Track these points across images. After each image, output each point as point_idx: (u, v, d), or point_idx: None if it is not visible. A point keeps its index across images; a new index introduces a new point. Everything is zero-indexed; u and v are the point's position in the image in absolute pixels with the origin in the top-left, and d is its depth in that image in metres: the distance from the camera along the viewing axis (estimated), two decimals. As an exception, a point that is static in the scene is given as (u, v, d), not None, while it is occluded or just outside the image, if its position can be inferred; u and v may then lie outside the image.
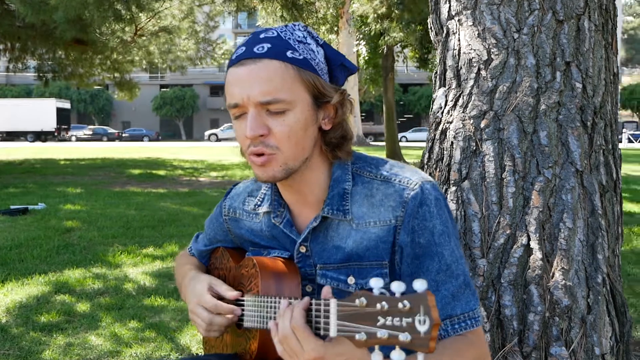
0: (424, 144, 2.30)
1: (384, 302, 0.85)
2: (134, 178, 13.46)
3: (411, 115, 53.58)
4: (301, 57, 1.15)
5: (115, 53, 17.38)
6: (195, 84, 58.34)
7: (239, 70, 1.14)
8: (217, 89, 60.50)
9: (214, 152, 24.78)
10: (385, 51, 18.65)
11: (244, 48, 1.15)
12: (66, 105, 46.00)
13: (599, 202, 1.90)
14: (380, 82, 21.40)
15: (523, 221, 1.87)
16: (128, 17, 12.82)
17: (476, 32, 2.22)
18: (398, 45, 18.22)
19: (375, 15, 13.77)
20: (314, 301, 1.01)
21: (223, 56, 22.84)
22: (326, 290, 1.03)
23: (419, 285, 0.81)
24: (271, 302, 1.16)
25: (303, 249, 1.28)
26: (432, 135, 2.27)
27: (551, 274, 1.76)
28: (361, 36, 18.32)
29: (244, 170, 15.59)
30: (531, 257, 1.80)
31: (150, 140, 49.06)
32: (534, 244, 1.81)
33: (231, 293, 1.28)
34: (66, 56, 16.95)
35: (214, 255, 1.53)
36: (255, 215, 1.38)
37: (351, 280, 1.24)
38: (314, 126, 1.19)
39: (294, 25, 1.22)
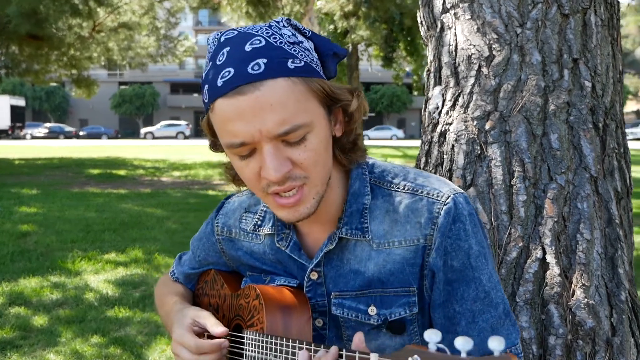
0: (386, 142, 2.12)
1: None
2: (93, 178, 12.98)
3: (373, 114, 53.77)
4: (302, 63, 0.94)
5: (73, 49, 16.75)
6: (155, 81, 57.20)
7: (237, 101, 0.90)
8: (178, 87, 59.54)
9: (176, 151, 24.25)
10: (350, 50, 18.54)
11: (231, 70, 0.90)
12: (21, 102, 44.39)
13: (615, 211, 1.76)
14: (345, 80, 21.31)
15: (536, 232, 1.71)
16: (86, 11, 12.32)
17: (475, 27, 2.06)
18: (362, 43, 18.15)
19: (342, 12, 13.63)
20: (344, 353, 0.82)
21: (184, 53, 22.33)
22: (359, 339, 0.85)
23: (496, 344, 0.63)
24: (281, 347, 0.96)
25: (314, 276, 1.09)
26: (429, 137, 2.10)
27: (571, 292, 1.61)
28: (325, 34, 18.17)
29: (206, 170, 15.25)
30: (548, 273, 1.64)
31: (109, 138, 47.84)
32: (550, 258, 1.66)
33: (218, 329, 1.08)
34: (20, 52, 16.26)
35: (203, 278, 1.32)
36: (256, 236, 1.17)
37: (372, 310, 1.06)
38: (331, 138, 1.00)
39: (278, 22, 0.99)
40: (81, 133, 48.90)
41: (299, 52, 0.94)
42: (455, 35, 2.14)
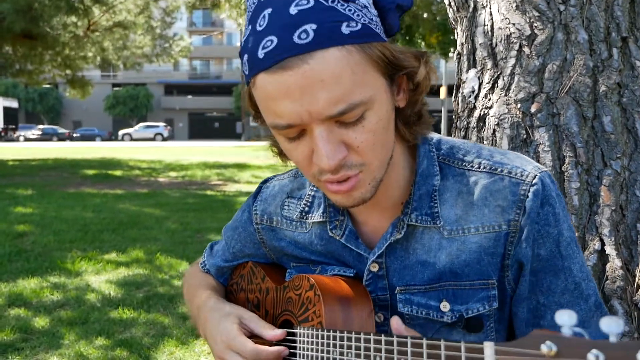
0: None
1: (595, 352, 0.52)
2: (89, 179, 12.79)
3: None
4: (359, 26, 0.77)
5: (67, 48, 16.55)
6: (149, 82, 56.89)
7: (281, 77, 0.75)
8: (172, 88, 59.26)
9: (172, 152, 24.04)
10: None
11: (274, 39, 0.75)
12: (13, 104, 44.00)
13: (674, 198, 1.63)
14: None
15: (592, 222, 1.58)
16: (81, 9, 12.14)
17: (514, 4, 1.93)
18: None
19: None
20: (442, 343, 0.68)
21: (180, 53, 22.15)
22: (397, 323, 0.78)
23: None
24: (349, 341, 0.82)
25: (375, 267, 0.95)
26: (465, 123, 1.96)
27: (635, 286, 1.48)
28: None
29: (203, 170, 15.08)
30: (608, 266, 1.51)
31: (102, 140, 47.53)
32: (609, 250, 1.52)
33: (273, 332, 0.94)
34: (14, 51, 16.04)
35: (237, 272, 1.18)
36: (301, 224, 1.03)
37: (445, 306, 0.92)
38: (393, 112, 0.85)
39: None
40: (75, 135, 48.55)
41: (355, 12, 0.78)
42: (491, 14, 2.00)
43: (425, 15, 13.84)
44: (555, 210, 0.89)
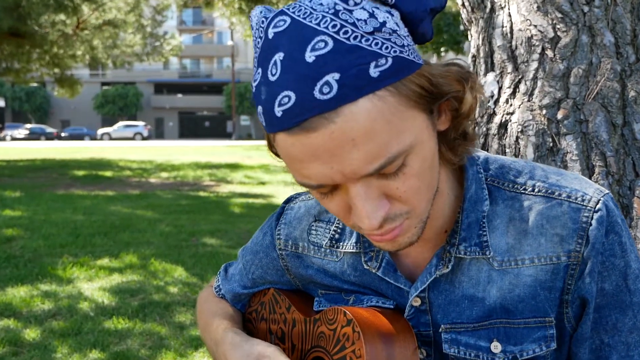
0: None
1: None
2: (79, 180, 12.60)
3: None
4: (389, 62, 0.64)
5: (56, 47, 16.32)
6: (138, 81, 56.50)
7: (306, 139, 0.64)
8: (162, 87, 58.91)
9: (162, 152, 23.84)
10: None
11: (291, 96, 0.63)
12: (0, 103, 43.56)
13: None
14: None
15: (627, 236, 1.49)
16: (70, 7, 11.95)
17: (535, 5, 1.84)
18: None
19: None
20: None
21: (171, 52, 21.94)
22: None
23: None
24: None
25: (417, 302, 0.85)
26: (484, 129, 1.86)
27: (675, 305, 1.39)
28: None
29: (195, 171, 14.93)
30: (645, 283, 1.42)
31: (91, 139, 47.13)
32: (646, 266, 1.43)
33: None
34: (0, 50, 15.79)
35: (257, 299, 1.07)
36: (332, 252, 0.92)
37: (497, 347, 0.82)
38: (436, 145, 0.74)
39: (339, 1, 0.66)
40: (63, 134, 48.09)
41: (383, 44, 0.64)
42: (510, 15, 1.91)
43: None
44: (622, 240, 0.80)
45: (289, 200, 1.02)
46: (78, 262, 5.04)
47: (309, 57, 0.63)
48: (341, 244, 0.91)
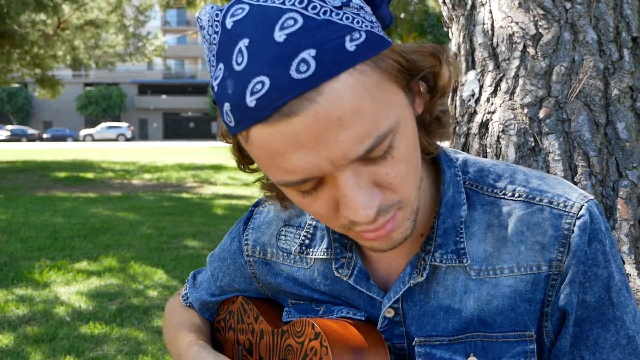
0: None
1: None
2: (60, 182, 12.42)
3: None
4: (363, 35, 0.60)
5: (36, 47, 16.08)
6: (122, 82, 56.02)
7: (287, 126, 0.57)
8: (146, 88, 58.47)
9: (146, 153, 23.62)
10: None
11: (264, 81, 0.57)
12: (-20, 104, 42.94)
13: (695, 212, 1.51)
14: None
15: (610, 238, 1.45)
16: (50, 7, 11.77)
17: (516, 2, 1.80)
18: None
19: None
20: None
21: (154, 52, 21.73)
22: None
23: None
24: None
25: (390, 313, 0.80)
26: (465, 128, 1.82)
27: (660, 309, 1.35)
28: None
29: (179, 172, 14.80)
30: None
31: (74, 141, 46.60)
32: (630, 269, 1.40)
33: None
34: (-20, 50, 15.54)
35: (226, 307, 1.01)
36: (301, 259, 0.87)
37: None
38: (415, 124, 0.68)
39: None
40: (45, 135, 47.50)
41: (354, 19, 0.60)
42: (491, 12, 1.87)
43: (402, 15, 13.78)
44: (605, 249, 0.75)
45: (258, 204, 0.96)
46: (55, 266, 4.93)
47: (279, 36, 0.57)
48: (311, 250, 0.85)
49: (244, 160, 0.71)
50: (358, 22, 0.60)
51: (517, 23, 1.78)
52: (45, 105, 53.64)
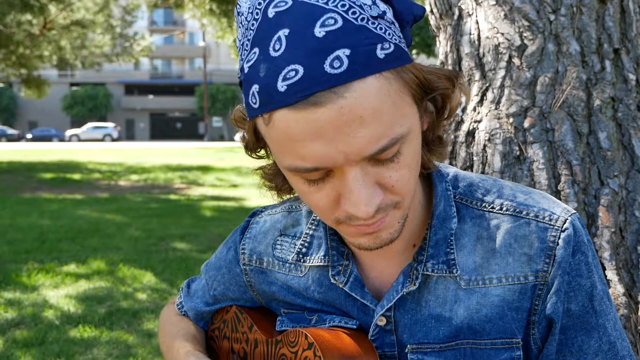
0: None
1: None
2: (46, 183, 12.34)
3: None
4: (392, 47, 0.65)
5: (22, 47, 15.95)
6: (108, 82, 55.63)
7: (312, 115, 0.62)
8: (132, 88, 58.13)
9: (133, 154, 23.51)
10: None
11: (299, 69, 0.61)
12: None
13: (674, 219, 1.56)
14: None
15: (592, 245, 1.50)
16: (36, 7, 11.69)
17: (502, 13, 1.84)
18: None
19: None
20: None
21: (141, 53, 21.63)
22: None
23: None
24: None
25: (382, 321, 0.83)
26: (452, 137, 1.86)
27: (639, 314, 1.40)
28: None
29: (166, 173, 14.75)
30: (610, 292, 1.43)
31: (60, 141, 46.17)
32: (611, 275, 1.44)
33: None
34: (-36, 49, 15.39)
35: (220, 316, 1.04)
36: (297, 266, 0.90)
37: None
38: (421, 138, 0.74)
39: None
40: (28, 136, 46.90)
41: (386, 31, 0.66)
42: (478, 22, 1.91)
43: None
44: (588, 260, 0.79)
45: (254, 214, 1.00)
46: (43, 269, 4.92)
47: (319, 32, 0.62)
48: (308, 257, 0.88)
49: (257, 144, 0.75)
50: (389, 35, 0.66)
51: (502, 34, 1.82)
52: (30, 105, 53.14)
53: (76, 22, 16.65)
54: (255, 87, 0.65)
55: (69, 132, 46.49)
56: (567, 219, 0.79)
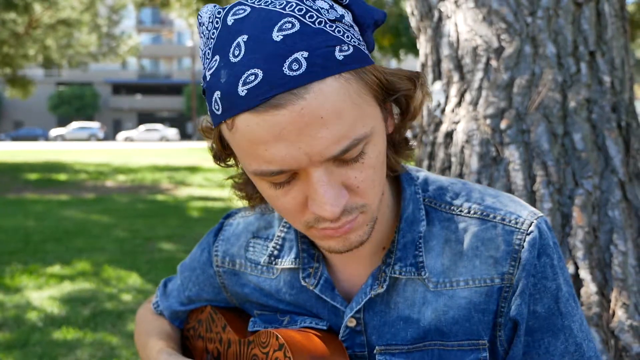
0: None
1: None
2: (31, 184, 12.24)
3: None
4: (350, 49, 0.67)
5: (6, 46, 15.80)
6: (95, 82, 55.26)
7: (273, 117, 0.63)
8: (120, 88, 57.77)
9: (120, 154, 23.37)
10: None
11: (258, 73, 0.63)
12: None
13: (646, 219, 1.59)
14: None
15: (566, 244, 1.52)
16: (21, 5, 11.59)
17: (480, 16, 1.86)
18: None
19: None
20: None
21: (128, 52, 21.51)
22: None
23: None
24: None
25: (352, 323, 0.84)
26: (431, 138, 1.88)
27: (611, 312, 1.42)
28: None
29: (153, 173, 14.69)
30: (583, 291, 1.45)
31: (46, 140, 45.71)
32: (584, 274, 1.47)
33: None
34: (-52, 48, 15.22)
35: (195, 316, 1.05)
36: (269, 269, 0.91)
37: None
38: (385, 140, 0.75)
39: None
40: (12, 135, 46.21)
41: (345, 33, 0.67)
42: (456, 25, 1.93)
43: (377, 17, 13.83)
44: (553, 262, 0.81)
45: (228, 216, 1.01)
46: (27, 270, 4.88)
47: (277, 36, 0.63)
48: (279, 260, 0.89)
49: (223, 151, 0.76)
50: (348, 37, 0.67)
51: (480, 36, 1.84)
52: (16, 105, 52.65)
53: (62, 21, 16.53)
54: (217, 94, 0.66)
55: (53, 132, 45.99)
56: (533, 222, 0.80)
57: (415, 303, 0.82)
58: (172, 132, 46.20)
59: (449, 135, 1.81)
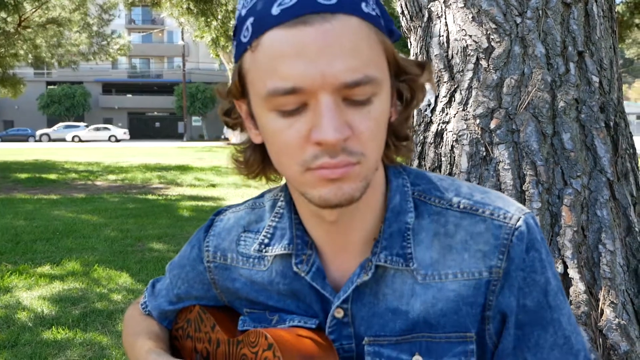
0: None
1: None
2: (21, 183, 12.16)
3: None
4: (375, 12, 0.73)
5: (-4, 45, 15.69)
6: (86, 81, 54.93)
7: (299, 32, 0.68)
8: (110, 87, 57.49)
9: (110, 154, 23.26)
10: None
11: None
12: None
13: (634, 217, 1.60)
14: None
15: (555, 244, 1.53)
16: (11, 4, 11.51)
17: (470, 16, 1.87)
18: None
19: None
20: None
21: (119, 52, 21.41)
22: None
23: None
24: None
25: (339, 313, 0.85)
26: (421, 137, 1.89)
27: (599, 311, 1.43)
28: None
29: (144, 173, 14.63)
30: (572, 290, 1.46)
31: (36, 141, 45.37)
32: (573, 273, 1.48)
33: None
34: (-64, 47, 15.09)
35: (183, 316, 1.05)
36: (260, 260, 0.91)
37: None
38: (388, 115, 0.78)
39: None
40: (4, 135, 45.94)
41: (371, 1, 0.74)
42: (447, 25, 1.94)
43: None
44: (542, 256, 0.82)
45: (218, 213, 1.01)
46: (17, 270, 4.85)
47: None
48: (270, 248, 0.89)
49: (239, 88, 0.78)
50: (374, 5, 0.74)
51: (470, 36, 1.85)
52: (6, 104, 52.28)
53: (52, 20, 16.43)
54: (250, 20, 0.72)
55: (39, 132, 45.46)
56: (521, 217, 0.81)
57: (404, 295, 0.82)
58: (121, 132, 45.62)
59: (439, 135, 1.82)
